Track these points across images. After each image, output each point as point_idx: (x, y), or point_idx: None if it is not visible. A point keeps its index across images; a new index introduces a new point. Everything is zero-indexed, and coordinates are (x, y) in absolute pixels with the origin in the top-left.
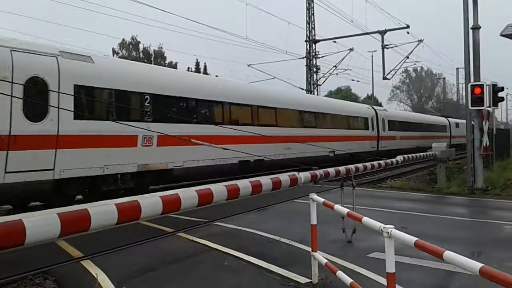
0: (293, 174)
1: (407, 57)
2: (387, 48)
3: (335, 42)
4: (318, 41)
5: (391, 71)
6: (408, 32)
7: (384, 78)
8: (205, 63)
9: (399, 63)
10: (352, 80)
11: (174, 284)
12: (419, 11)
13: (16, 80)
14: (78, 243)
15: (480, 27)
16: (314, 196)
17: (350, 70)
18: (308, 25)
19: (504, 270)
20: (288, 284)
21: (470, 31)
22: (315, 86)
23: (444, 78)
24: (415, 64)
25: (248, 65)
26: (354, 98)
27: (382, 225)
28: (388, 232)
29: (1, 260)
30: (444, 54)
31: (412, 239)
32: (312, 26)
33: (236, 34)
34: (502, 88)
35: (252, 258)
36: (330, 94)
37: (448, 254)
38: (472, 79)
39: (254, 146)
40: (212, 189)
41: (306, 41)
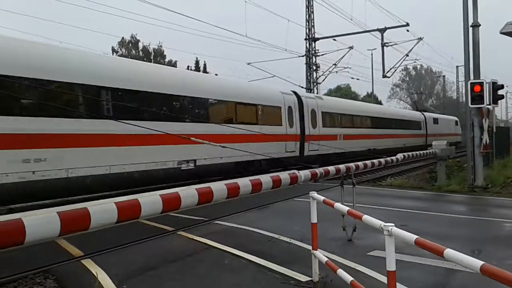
0: (293, 173)
1: (407, 55)
2: (387, 46)
3: (334, 40)
4: (318, 39)
5: (390, 69)
6: (407, 30)
7: (384, 76)
8: (204, 62)
9: (398, 61)
10: (352, 78)
11: (174, 282)
12: (418, 9)
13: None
14: (78, 242)
15: (479, 25)
16: (315, 194)
17: (350, 68)
18: (307, 23)
19: (504, 268)
20: (288, 283)
21: (470, 29)
22: (314, 84)
23: (444, 76)
24: (414, 62)
25: (248, 63)
26: (354, 96)
27: (383, 223)
28: (388, 230)
29: (1, 259)
30: (444, 52)
31: (413, 237)
32: (312, 24)
33: (236, 32)
34: (502, 86)
35: (252, 256)
36: (330, 92)
37: (449, 252)
38: (472, 77)
39: None
40: (212, 187)
41: (305, 39)
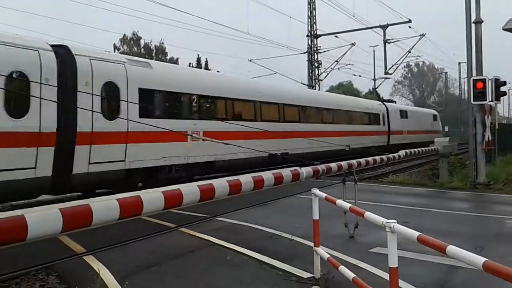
0: (295, 169)
1: (409, 51)
2: (389, 42)
3: (336, 37)
4: (320, 36)
5: (393, 65)
6: (410, 27)
7: (386, 73)
8: (206, 59)
9: (401, 58)
10: (354, 75)
11: (177, 279)
12: (421, 5)
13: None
14: (80, 238)
15: (482, 21)
16: (316, 191)
17: (352, 65)
18: (309, 19)
19: (506, 264)
20: (290, 279)
21: (473, 25)
22: (316, 81)
23: (446, 73)
24: (417, 58)
25: (250, 60)
26: (355, 93)
27: (385, 220)
28: (390, 227)
29: (4, 255)
30: (446, 49)
31: (415, 234)
32: (314, 20)
33: (238, 29)
34: (504, 83)
35: (254, 253)
36: (332, 89)
37: (451, 249)
38: (474, 74)
39: None
40: (214, 184)
41: (307, 36)
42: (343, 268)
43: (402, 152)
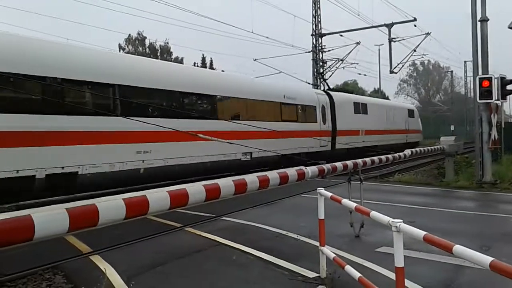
0: (300, 169)
1: (414, 50)
2: (394, 41)
3: (341, 35)
4: (325, 34)
5: (398, 64)
6: (415, 25)
7: (391, 72)
8: (211, 58)
9: (406, 57)
10: (359, 74)
11: (182, 278)
12: (426, 3)
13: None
14: (86, 238)
15: (488, 19)
16: (322, 190)
17: (357, 63)
18: (314, 18)
19: None
20: (296, 279)
21: (478, 24)
22: (321, 80)
23: (451, 72)
24: (422, 57)
25: (254, 59)
26: (361, 92)
27: (391, 219)
28: (396, 226)
29: (10, 255)
30: (452, 47)
31: (421, 233)
32: (319, 19)
33: (242, 28)
34: (510, 81)
35: (260, 252)
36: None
37: (458, 248)
38: (480, 72)
39: None
40: (220, 184)
41: (312, 35)
42: (349, 268)
43: (407, 151)
